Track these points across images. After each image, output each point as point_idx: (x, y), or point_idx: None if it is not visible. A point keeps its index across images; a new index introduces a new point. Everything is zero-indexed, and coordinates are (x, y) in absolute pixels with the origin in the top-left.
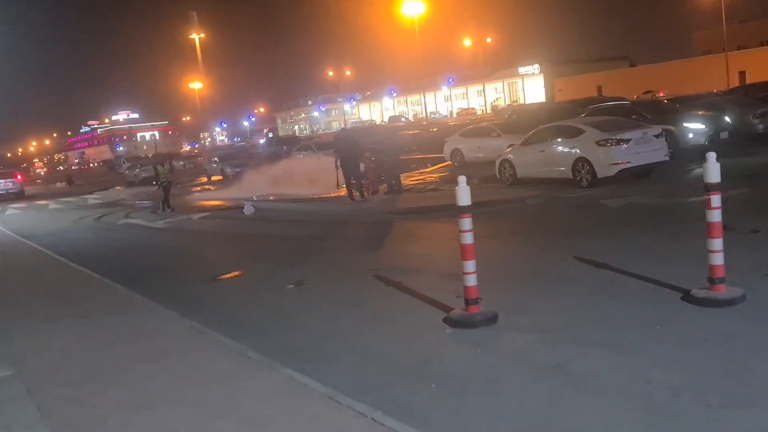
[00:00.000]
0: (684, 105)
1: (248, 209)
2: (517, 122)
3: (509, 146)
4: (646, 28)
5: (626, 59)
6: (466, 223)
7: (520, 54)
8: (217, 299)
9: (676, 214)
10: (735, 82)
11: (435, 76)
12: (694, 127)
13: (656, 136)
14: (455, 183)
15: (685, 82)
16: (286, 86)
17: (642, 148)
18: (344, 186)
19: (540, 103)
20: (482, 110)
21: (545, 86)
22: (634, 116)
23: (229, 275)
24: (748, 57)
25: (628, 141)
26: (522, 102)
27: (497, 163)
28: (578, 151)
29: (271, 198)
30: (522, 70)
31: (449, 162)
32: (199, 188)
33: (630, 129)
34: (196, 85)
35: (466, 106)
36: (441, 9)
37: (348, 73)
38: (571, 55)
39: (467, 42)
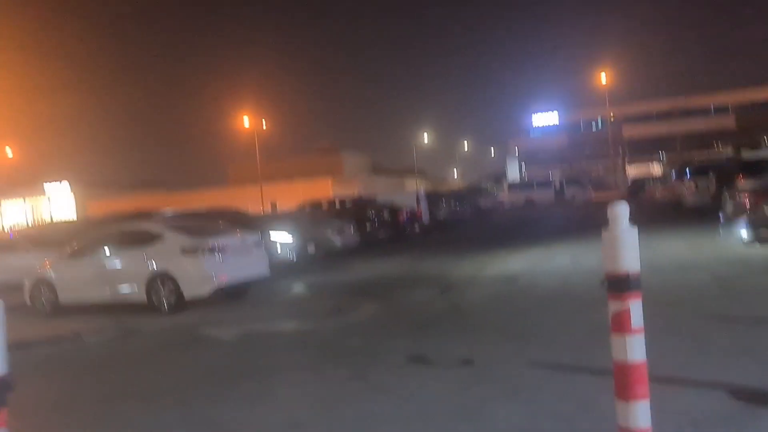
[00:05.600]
0: (262, 218)
1: None
2: (53, 233)
3: (47, 261)
4: (182, 158)
5: (164, 184)
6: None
7: (45, 170)
8: None
9: (316, 341)
10: (268, 210)
11: None
12: (282, 240)
13: (255, 245)
14: None
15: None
16: None
17: (240, 259)
18: None
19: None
20: None
21: (77, 208)
22: None
23: None
24: (277, 189)
25: (224, 249)
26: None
27: (28, 285)
28: (156, 263)
29: None
30: (49, 187)
31: None
32: None
33: (223, 234)
34: None
35: None
36: None
37: None
38: (106, 178)
39: None
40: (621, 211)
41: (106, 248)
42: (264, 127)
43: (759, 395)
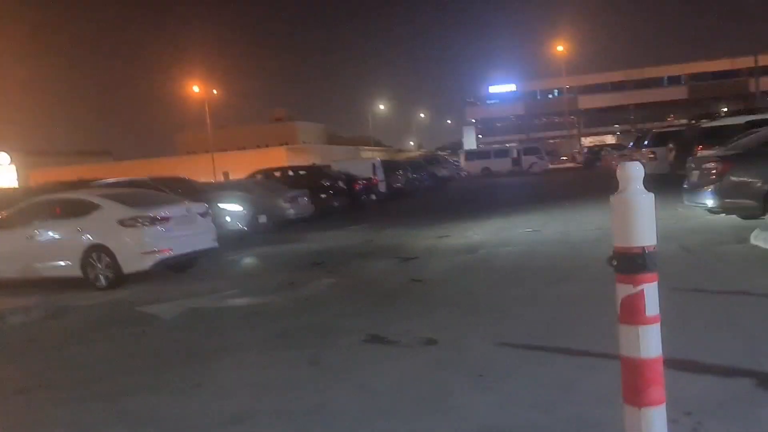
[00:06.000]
0: (211, 187)
1: None
2: None
3: None
4: (129, 126)
5: (110, 154)
6: None
7: None
8: None
9: (266, 318)
10: (221, 180)
11: None
12: (232, 209)
13: (202, 215)
14: None
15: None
16: None
17: (185, 230)
18: None
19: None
20: None
21: (19, 179)
22: None
23: None
24: (230, 158)
25: (166, 220)
26: None
27: None
28: (92, 235)
29: None
30: None
31: None
32: None
33: (166, 204)
34: None
35: None
36: None
37: None
38: (47, 147)
39: None
40: (634, 171)
41: (38, 219)
42: (215, 94)
43: (753, 376)
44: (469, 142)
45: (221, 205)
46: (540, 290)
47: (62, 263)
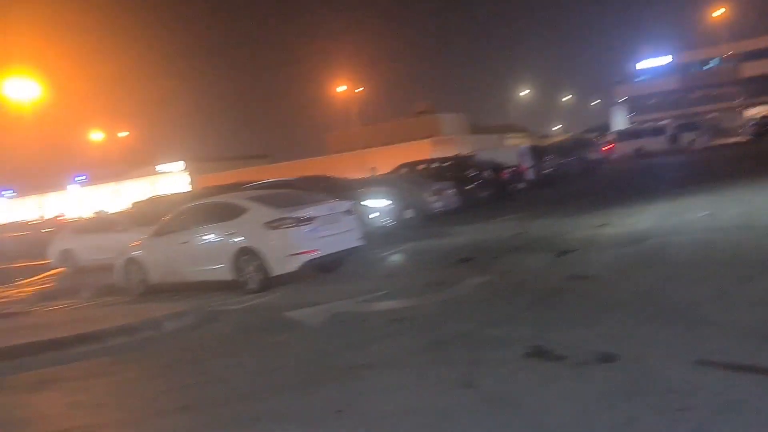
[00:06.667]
0: (356, 183)
1: None
2: (154, 212)
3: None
4: (286, 129)
5: (267, 157)
6: None
7: (161, 150)
8: None
9: (413, 326)
10: (370, 176)
11: (59, 173)
12: (378, 205)
13: (346, 214)
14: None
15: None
16: None
17: (330, 229)
18: None
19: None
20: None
21: (192, 184)
22: None
23: None
24: (377, 154)
25: (311, 220)
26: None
27: (119, 264)
28: (241, 238)
29: None
30: (163, 167)
31: (59, 268)
32: None
33: (311, 204)
34: None
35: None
36: (60, 95)
37: None
38: (213, 153)
39: (97, 135)
40: None
41: (189, 225)
42: (361, 92)
43: None
44: (618, 122)
45: (367, 202)
46: (731, 289)
47: (215, 267)
